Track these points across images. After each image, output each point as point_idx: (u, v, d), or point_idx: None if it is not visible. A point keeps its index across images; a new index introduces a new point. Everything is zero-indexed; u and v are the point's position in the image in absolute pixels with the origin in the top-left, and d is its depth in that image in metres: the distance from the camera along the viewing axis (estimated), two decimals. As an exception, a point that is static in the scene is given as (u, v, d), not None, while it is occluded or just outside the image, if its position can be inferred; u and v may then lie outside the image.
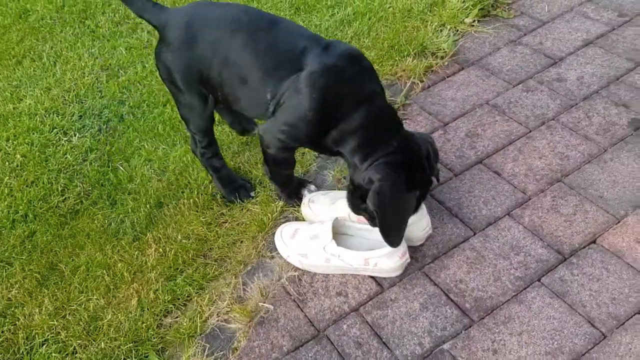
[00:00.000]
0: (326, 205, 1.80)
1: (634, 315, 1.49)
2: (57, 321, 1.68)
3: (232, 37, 1.64)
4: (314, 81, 1.54)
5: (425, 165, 1.60)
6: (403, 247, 1.63)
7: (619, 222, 1.70)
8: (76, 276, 1.79)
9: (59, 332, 1.66)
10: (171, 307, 1.69)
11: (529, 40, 2.40)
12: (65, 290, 1.76)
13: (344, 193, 1.75)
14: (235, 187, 1.95)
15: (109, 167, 2.14)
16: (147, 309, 1.68)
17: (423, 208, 1.68)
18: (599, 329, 1.48)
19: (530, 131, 2.02)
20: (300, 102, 1.55)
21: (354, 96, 1.56)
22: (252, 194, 1.95)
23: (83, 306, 1.71)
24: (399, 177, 1.53)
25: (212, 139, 1.92)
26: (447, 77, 2.30)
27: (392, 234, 1.54)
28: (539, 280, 1.60)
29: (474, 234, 1.74)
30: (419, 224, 1.67)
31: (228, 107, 1.82)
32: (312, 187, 1.91)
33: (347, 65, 1.58)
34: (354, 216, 1.71)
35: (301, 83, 1.55)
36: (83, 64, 2.62)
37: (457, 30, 2.50)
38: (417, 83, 2.28)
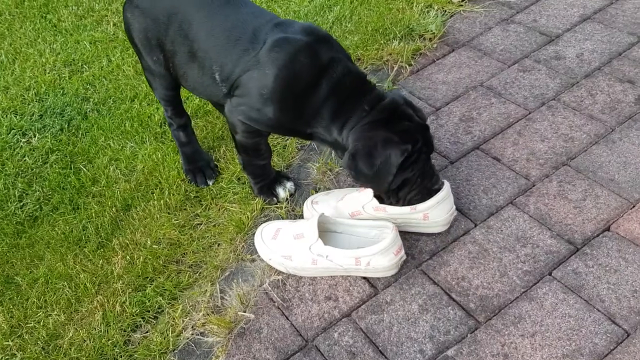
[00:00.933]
0: (333, 203, 1.62)
1: (658, 309, 1.33)
2: (12, 341, 1.49)
3: (189, 6, 1.55)
4: (272, 59, 1.44)
5: (409, 112, 1.47)
6: (397, 242, 1.46)
7: (633, 206, 1.54)
8: (34, 290, 1.60)
9: (15, 354, 1.47)
10: (140, 321, 1.50)
11: (522, 18, 2.24)
12: (22, 306, 1.57)
13: (347, 189, 1.65)
14: (195, 167, 1.84)
15: (71, 169, 1.95)
16: (113, 323, 1.49)
17: (444, 189, 1.50)
18: (621, 326, 1.31)
19: (529, 113, 1.86)
20: (261, 82, 1.45)
21: (314, 68, 1.44)
22: (210, 182, 1.82)
23: (42, 323, 1.52)
24: (375, 134, 1.42)
25: (180, 109, 1.81)
26: (437, 59, 2.14)
27: (382, 191, 1.48)
28: (550, 273, 1.44)
29: (475, 226, 1.57)
30: (441, 207, 1.51)
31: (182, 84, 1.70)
32: (290, 184, 1.73)
33: (304, 39, 1.45)
34: (369, 209, 1.55)
35: (259, 62, 1.45)
36: (44, 60, 2.42)
37: (445, 10, 2.34)
38: (405, 67, 2.11)
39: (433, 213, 1.51)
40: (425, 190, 1.50)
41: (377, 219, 1.54)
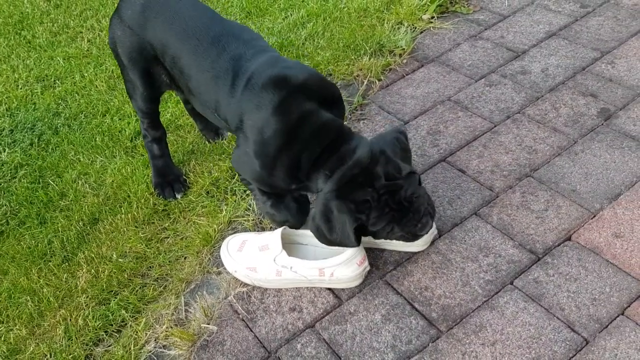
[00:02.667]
0: None
1: (617, 316, 1.34)
2: (-29, 357, 1.47)
3: (182, 42, 1.55)
4: (250, 127, 1.43)
5: (377, 172, 1.36)
6: (361, 253, 1.46)
7: (594, 216, 1.56)
8: (-4, 304, 1.59)
9: (-27, 370, 1.45)
10: (103, 335, 1.49)
11: (490, 34, 2.29)
12: (-17, 321, 1.55)
13: None
14: (164, 180, 1.84)
15: (39, 183, 1.94)
16: (75, 337, 1.48)
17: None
18: (580, 334, 1.33)
19: (495, 126, 1.89)
20: (249, 154, 1.44)
21: (290, 127, 1.39)
22: (179, 196, 1.82)
23: (2, 338, 1.50)
24: (331, 198, 1.36)
25: (156, 123, 1.82)
26: (406, 74, 2.17)
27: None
28: (511, 283, 1.45)
29: (439, 237, 1.58)
30: None
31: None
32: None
33: (272, 97, 1.39)
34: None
35: (243, 136, 1.46)
36: (17, 76, 2.42)
37: (415, 27, 2.38)
38: (375, 82, 2.14)
39: None
40: (410, 236, 1.43)
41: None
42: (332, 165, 1.38)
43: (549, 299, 1.40)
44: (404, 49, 2.25)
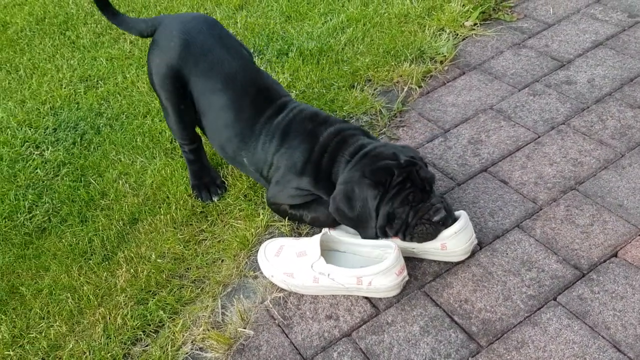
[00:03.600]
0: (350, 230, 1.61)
1: (666, 338, 1.30)
2: (13, 351, 1.50)
3: (218, 95, 1.70)
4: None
5: (388, 153, 1.51)
6: (400, 263, 1.44)
7: (642, 232, 1.52)
8: (38, 300, 1.61)
9: (15, 364, 1.47)
10: (140, 335, 1.50)
11: (534, 43, 2.25)
12: (25, 316, 1.58)
13: None
14: (201, 183, 1.86)
15: (81, 182, 1.97)
16: (114, 336, 1.49)
17: (462, 219, 1.47)
18: (626, 354, 1.28)
19: (539, 136, 1.85)
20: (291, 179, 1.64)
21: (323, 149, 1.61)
22: (215, 198, 1.83)
23: (43, 334, 1.53)
24: (351, 177, 1.51)
25: (191, 138, 1.84)
26: (447, 82, 2.14)
27: (370, 233, 1.51)
28: (554, 299, 1.41)
29: (480, 249, 1.55)
30: (460, 237, 1.47)
31: None
32: None
33: (309, 131, 1.63)
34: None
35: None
36: (61, 76, 2.47)
37: (457, 34, 2.35)
38: (415, 89, 2.12)
39: (451, 243, 1.48)
40: (426, 222, 1.46)
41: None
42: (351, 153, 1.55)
43: (593, 317, 1.36)
44: (445, 55, 2.22)
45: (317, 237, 1.51)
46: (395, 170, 1.45)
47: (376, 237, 1.50)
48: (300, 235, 1.68)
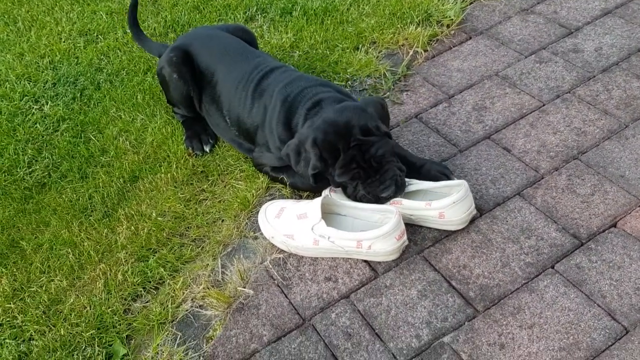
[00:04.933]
0: None
1: (660, 308, 1.32)
2: (14, 304, 1.51)
3: (219, 64, 1.82)
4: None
5: (351, 124, 1.49)
6: (400, 228, 1.45)
7: (642, 204, 1.52)
8: (38, 255, 1.62)
9: (16, 316, 1.49)
10: (141, 291, 1.52)
11: (543, 9, 2.21)
12: (26, 270, 1.59)
13: None
14: (192, 132, 1.89)
15: (81, 138, 1.96)
16: (114, 292, 1.51)
17: (462, 190, 1.46)
18: (620, 323, 1.30)
19: (543, 105, 1.83)
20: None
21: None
22: (207, 148, 1.85)
23: (44, 288, 1.54)
24: (306, 133, 1.52)
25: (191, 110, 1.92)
26: (454, 46, 2.11)
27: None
28: (552, 267, 1.42)
29: (480, 215, 1.56)
30: (458, 207, 1.47)
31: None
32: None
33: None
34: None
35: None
36: (60, 29, 2.43)
37: (465, -3, 2.30)
38: (421, 52, 2.09)
39: (449, 212, 1.48)
40: (373, 197, 1.51)
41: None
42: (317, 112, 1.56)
43: (590, 286, 1.37)
44: (452, 19, 2.19)
45: (318, 200, 1.51)
46: (342, 153, 1.48)
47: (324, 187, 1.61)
48: (300, 197, 1.68)
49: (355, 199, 1.54)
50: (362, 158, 1.48)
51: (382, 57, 2.10)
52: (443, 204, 1.47)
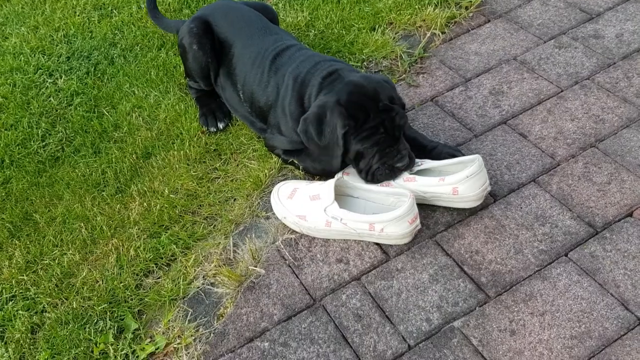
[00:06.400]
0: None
1: (674, 299, 1.31)
2: (27, 276, 1.52)
3: (236, 37, 1.81)
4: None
5: (377, 92, 1.49)
6: (413, 211, 1.44)
7: (660, 194, 1.51)
8: (51, 228, 1.63)
9: (29, 288, 1.50)
10: (153, 267, 1.52)
11: (564, -8, 2.17)
12: (39, 243, 1.60)
13: None
14: (207, 109, 1.88)
15: (94, 112, 1.96)
16: (127, 267, 1.51)
17: (475, 164, 1.44)
18: (634, 313, 1.30)
19: (562, 91, 1.81)
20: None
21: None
22: (221, 125, 1.84)
23: (57, 261, 1.55)
24: (327, 101, 1.50)
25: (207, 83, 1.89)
26: (472, 29, 2.08)
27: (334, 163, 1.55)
28: (566, 255, 1.41)
29: (494, 201, 1.54)
30: (472, 181, 1.45)
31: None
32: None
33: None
34: (399, 180, 1.52)
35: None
36: (75, 2, 2.41)
37: (484, -21, 2.26)
38: (438, 35, 2.06)
39: (462, 187, 1.46)
40: (389, 167, 1.49)
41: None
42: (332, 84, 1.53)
43: (604, 275, 1.37)
44: (471, 1, 2.15)
45: (331, 182, 1.50)
46: (372, 114, 1.46)
47: (340, 168, 1.56)
48: (313, 178, 1.68)
49: (367, 173, 1.51)
50: (390, 124, 1.47)
51: (398, 38, 2.07)
52: (457, 178, 1.45)
